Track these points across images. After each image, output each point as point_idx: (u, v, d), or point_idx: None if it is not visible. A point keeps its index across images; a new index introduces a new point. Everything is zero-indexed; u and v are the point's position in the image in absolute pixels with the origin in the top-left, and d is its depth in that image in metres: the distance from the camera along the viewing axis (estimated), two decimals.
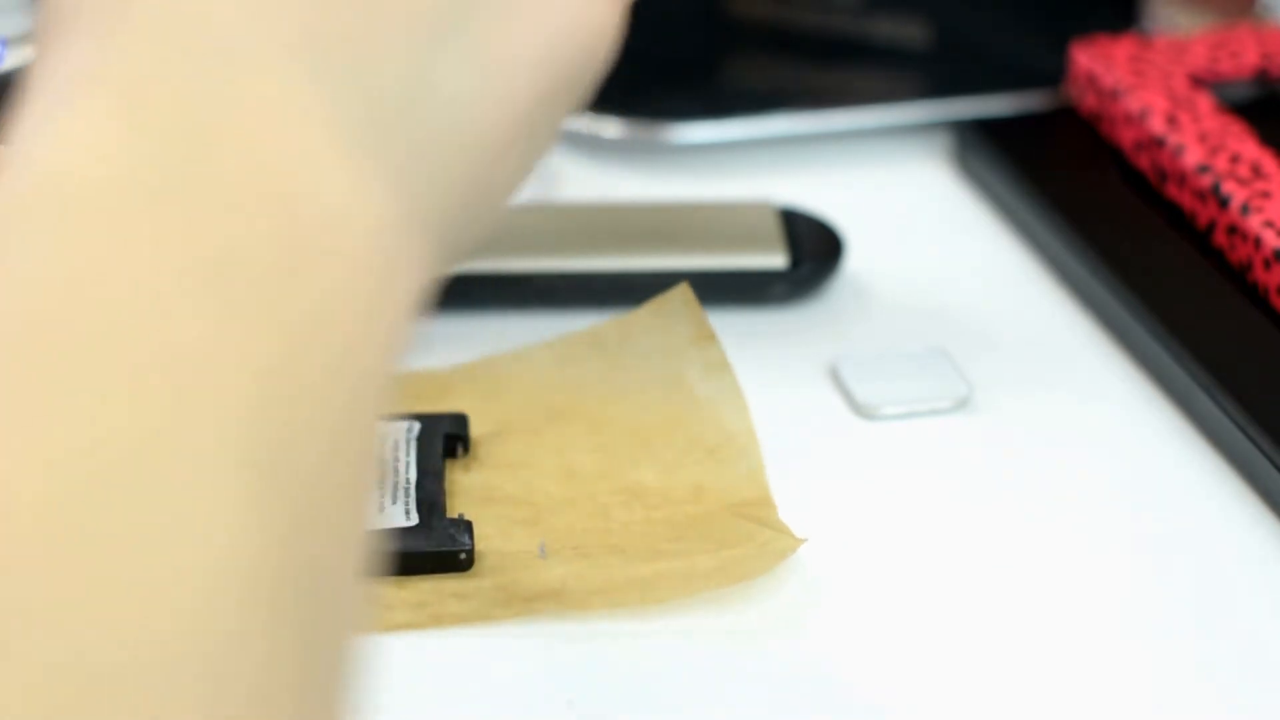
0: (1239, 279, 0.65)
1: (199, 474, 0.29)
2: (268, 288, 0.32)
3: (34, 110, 0.34)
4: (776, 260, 0.66)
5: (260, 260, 0.32)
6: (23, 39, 0.60)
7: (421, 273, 0.36)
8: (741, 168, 0.75)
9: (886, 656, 0.53)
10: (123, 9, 0.34)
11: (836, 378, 0.63)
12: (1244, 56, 0.74)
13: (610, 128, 0.75)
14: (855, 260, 0.68)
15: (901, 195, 0.74)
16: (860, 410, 0.62)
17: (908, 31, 0.80)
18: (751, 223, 0.68)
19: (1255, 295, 0.64)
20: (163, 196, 0.32)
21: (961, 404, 0.62)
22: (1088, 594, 0.55)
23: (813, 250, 0.67)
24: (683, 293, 0.62)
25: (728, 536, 0.55)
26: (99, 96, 0.33)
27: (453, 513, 0.55)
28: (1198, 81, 0.73)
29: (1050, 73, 0.76)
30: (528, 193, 0.73)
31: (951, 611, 0.55)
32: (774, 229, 0.67)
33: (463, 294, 0.66)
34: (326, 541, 0.31)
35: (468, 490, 0.57)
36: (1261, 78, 0.74)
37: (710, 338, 0.61)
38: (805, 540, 0.54)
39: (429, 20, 0.37)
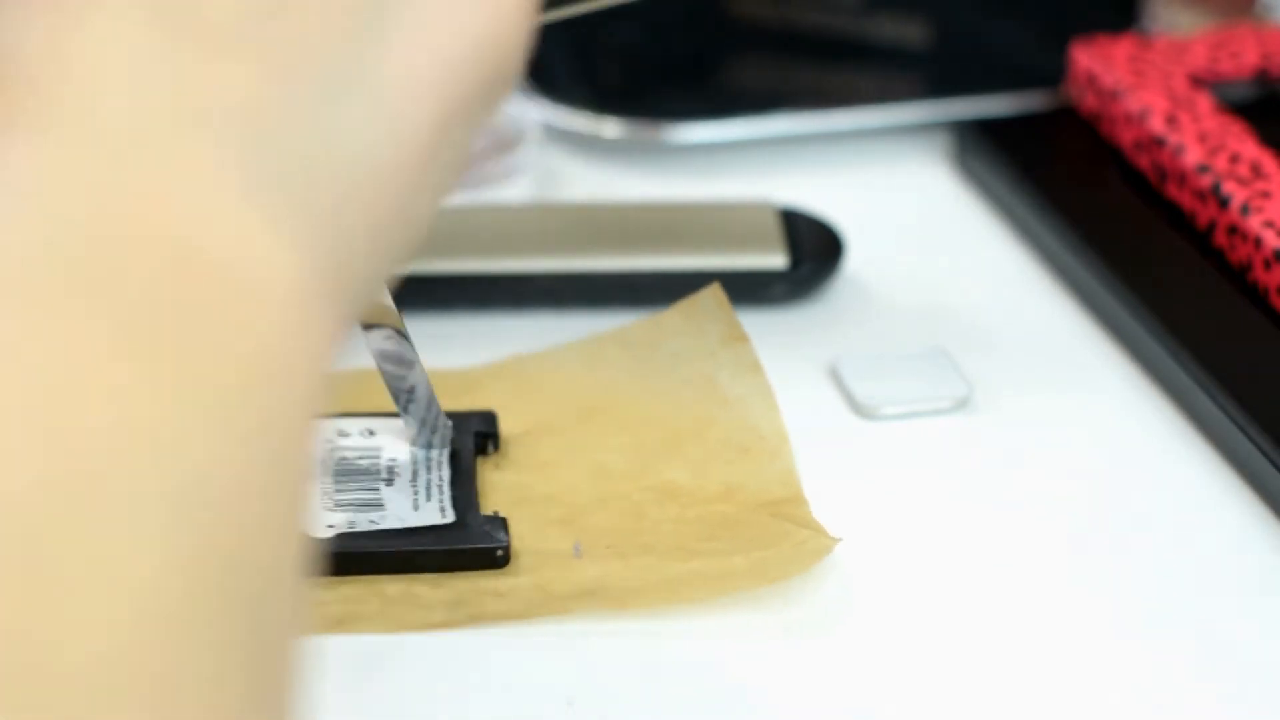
0: (1239, 279, 0.65)
1: (121, 512, 0.31)
2: (184, 347, 0.33)
3: None
4: (776, 260, 0.66)
5: (176, 322, 0.33)
6: None
7: (336, 322, 0.37)
8: (741, 168, 0.75)
9: (885, 656, 0.53)
10: (46, 102, 0.35)
11: (836, 378, 0.63)
12: (1244, 56, 0.74)
13: (610, 128, 0.75)
14: (855, 260, 0.68)
15: (901, 195, 0.74)
16: (860, 410, 0.62)
17: (908, 31, 0.80)
18: (751, 223, 0.68)
19: (1255, 295, 0.64)
20: (75, 270, 0.33)
21: (961, 404, 0.62)
22: (1087, 593, 0.55)
23: (813, 250, 0.67)
24: (714, 293, 0.61)
25: (762, 536, 0.55)
26: (16, 186, 0.34)
27: (487, 511, 0.55)
28: (1198, 81, 0.73)
29: (1050, 73, 0.76)
30: (528, 193, 0.73)
31: (951, 611, 0.54)
32: (774, 229, 0.67)
33: (463, 294, 0.66)
34: (257, 570, 0.33)
35: (500, 489, 0.57)
36: (1261, 78, 0.74)
37: (742, 338, 0.61)
38: (841, 539, 0.54)
39: (325, 73, 0.37)
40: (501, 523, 0.54)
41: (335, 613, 0.53)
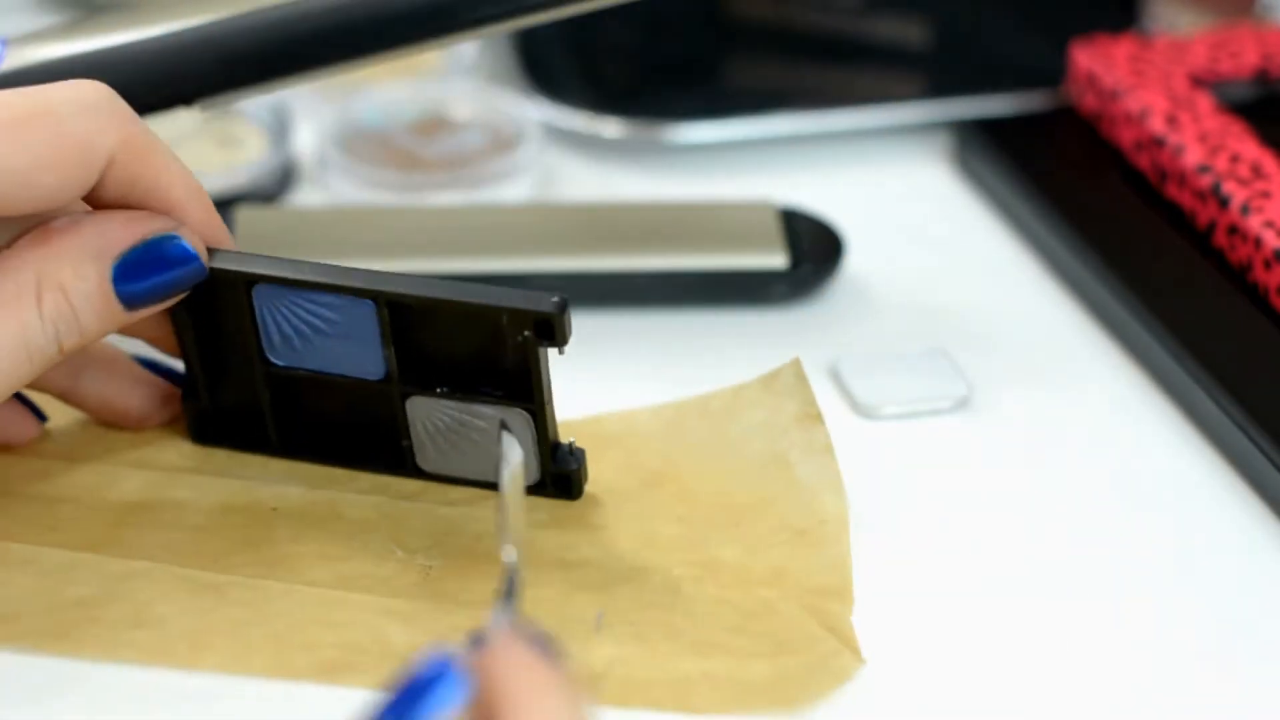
0: (1239, 279, 0.65)
1: None
2: None
3: None
4: (776, 260, 0.66)
5: None
6: (22, 39, 0.60)
7: None
8: (741, 168, 0.75)
9: (883, 655, 0.53)
10: None
11: (836, 378, 0.63)
12: (1244, 56, 0.74)
13: (610, 128, 0.75)
14: (855, 260, 0.68)
15: (901, 195, 0.74)
16: (860, 410, 0.62)
17: (908, 31, 0.80)
18: (751, 223, 0.68)
19: (1255, 295, 0.64)
20: None
21: (961, 404, 0.62)
22: (1087, 593, 0.55)
23: (813, 250, 0.67)
24: (794, 369, 0.60)
25: (790, 638, 0.53)
26: None
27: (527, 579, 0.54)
28: (1198, 81, 0.73)
29: (1050, 73, 0.76)
30: (528, 193, 0.73)
31: (950, 611, 0.55)
32: (774, 229, 0.67)
33: None
34: None
35: (544, 550, 0.55)
36: (1261, 78, 0.74)
37: (817, 418, 0.59)
38: (866, 662, 0.52)
39: None
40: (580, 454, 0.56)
41: (330, 659, 0.52)
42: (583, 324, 0.64)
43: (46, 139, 0.50)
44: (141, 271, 0.52)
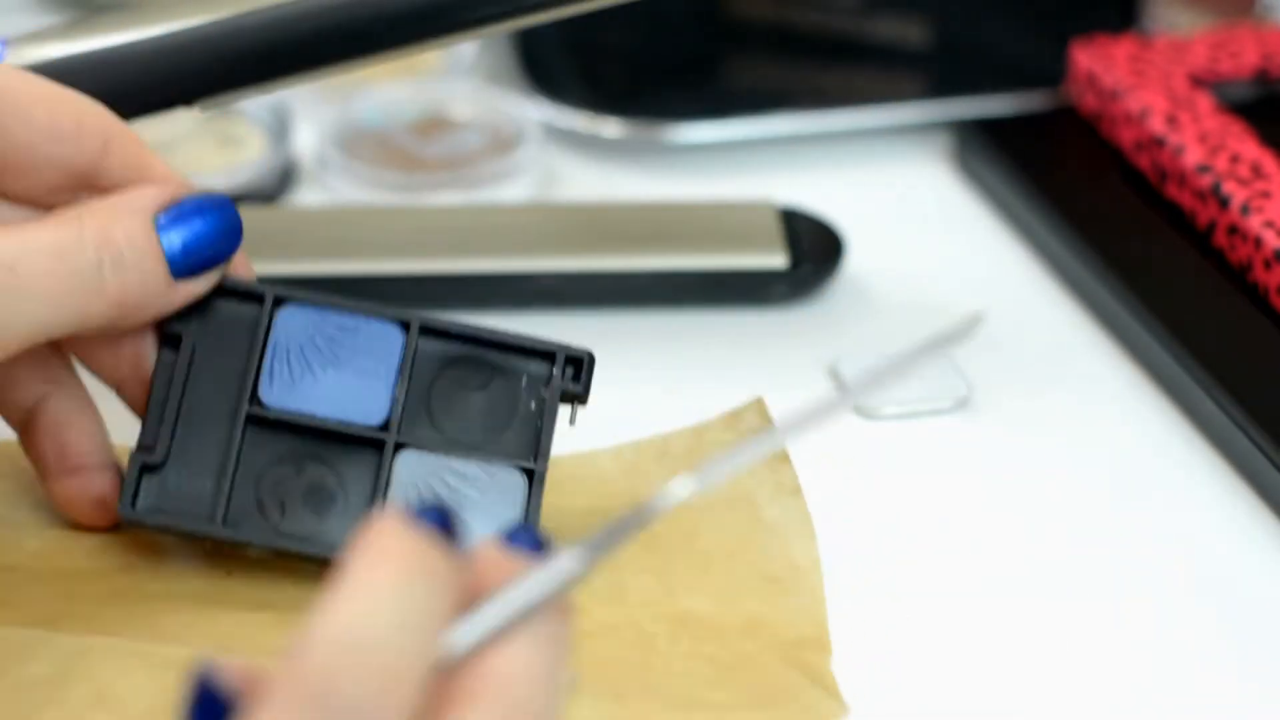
0: (1239, 279, 0.65)
1: None
2: None
3: None
4: (776, 260, 0.66)
5: None
6: (22, 39, 0.60)
7: None
8: (741, 168, 0.75)
9: (883, 656, 0.53)
10: None
11: (836, 378, 0.63)
12: (1244, 56, 0.74)
13: (610, 128, 0.75)
14: (855, 260, 0.68)
15: (901, 195, 0.74)
16: (860, 410, 0.62)
17: (908, 31, 0.81)
18: (751, 223, 0.68)
19: (1255, 295, 0.64)
20: None
21: (961, 404, 0.62)
22: (1087, 593, 0.55)
23: (813, 250, 0.67)
24: (758, 408, 0.59)
25: (771, 691, 0.51)
26: None
27: None
28: (1198, 81, 0.73)
29: (1050, 73, 0.76)
30: (528, 193, 0.73)
31: (950, 611, 0.55)
32: (774, 229, 0.67)
33: (464, 294, 0.66)
34: None
35: None
36: (1261, 78, 0.74)
37: (784, 458, 0.57)
38: (850, 710, 0.51)
39: None
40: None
41: None
42: (583, 324, 0.65)
43: (47, 109, 0.52)
44: (184, 219, 0.53)
